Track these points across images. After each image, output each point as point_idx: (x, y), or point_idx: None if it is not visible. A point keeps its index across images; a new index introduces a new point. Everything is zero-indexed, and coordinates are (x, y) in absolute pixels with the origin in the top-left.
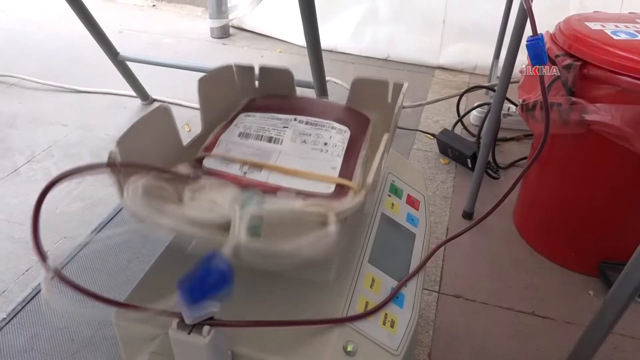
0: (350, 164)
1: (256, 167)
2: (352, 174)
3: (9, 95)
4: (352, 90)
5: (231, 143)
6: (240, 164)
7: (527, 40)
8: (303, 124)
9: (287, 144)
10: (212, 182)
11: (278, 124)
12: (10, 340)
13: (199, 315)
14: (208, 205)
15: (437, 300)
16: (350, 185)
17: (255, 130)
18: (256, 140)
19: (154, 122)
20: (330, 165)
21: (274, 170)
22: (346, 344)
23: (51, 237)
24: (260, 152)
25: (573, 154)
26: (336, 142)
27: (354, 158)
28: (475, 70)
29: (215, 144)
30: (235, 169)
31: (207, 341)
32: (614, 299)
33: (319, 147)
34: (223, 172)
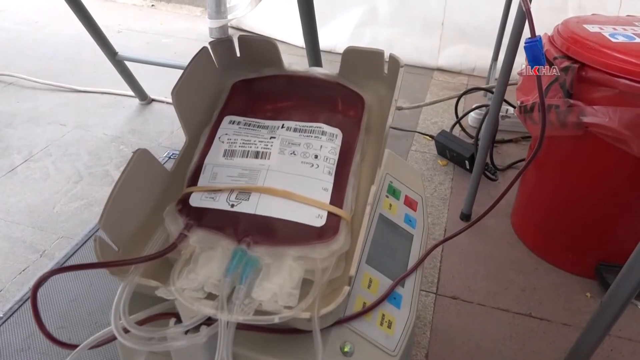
0: (342, 180)
1: (244, 192)
2: (343, 196)
3: (7, 95)
4: (344, 62)
5: (217, 167)
6: (228, 192)
7: (525, 42)
8: (291, 132)
9: (276, 158)
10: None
11: (264, 134)
12: (7, 339)
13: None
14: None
15: (435, 301)
16: (342, 215)
17: (240, 144)
18: (242, 158)
19: (137, 174)
20: (322, 186)
21: (263, 193)
22: (343, 344)
23: (48, 236)
24: (247, 172)
25: (571, 156)
26: (327, 155)
27: (345, 170)
28: (473, 72)
29: (200, 170)
30: (222, 202)
31: (204, 341)
32: (611, 301)
33: (309, 161)
34: (210, 207)
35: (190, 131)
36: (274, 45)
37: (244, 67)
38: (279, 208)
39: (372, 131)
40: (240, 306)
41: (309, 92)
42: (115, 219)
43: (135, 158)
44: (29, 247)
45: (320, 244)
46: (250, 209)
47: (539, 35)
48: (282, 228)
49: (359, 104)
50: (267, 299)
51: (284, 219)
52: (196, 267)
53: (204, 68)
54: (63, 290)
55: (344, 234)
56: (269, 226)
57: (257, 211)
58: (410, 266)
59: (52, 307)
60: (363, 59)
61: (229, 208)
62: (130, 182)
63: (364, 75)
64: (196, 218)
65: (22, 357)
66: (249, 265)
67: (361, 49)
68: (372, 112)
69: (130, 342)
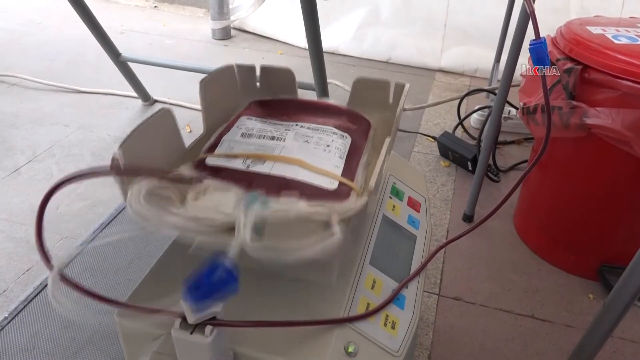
0: (352, 166)
1: (259, 160)
2: (354, 176)
3: (10, 95)
4: (354, 91)
5: (234, 142)
6: (243, 158)
7: (530, 44)
8: (305, 129)
9: (290, 141)
10: (215, 184)
11: (280, 127)
12: (12, 339)
13: (202, 312)
14: (212, 205)
15: (437, 302)
16: (353, 187)
17: (257, 131)
18: (259, 139)
19: (157, 125)
20: (333, 164)
21: (278, 161)
22: (347, 344)
23: (52, 237)
24: (263, 148)
25: (573, 158)
26: (338, 146)
27: (355, 160)
28: (476, 73)
29: (217, 145)
30: (238, 163)
31: (210, 341)
32: (614, 303)
33: (321, 147)
34: (226, 166)
35: (209, 124)
36: (292, 74)
37: (261, 92)
38: (294, 171)
39: (376, 148)
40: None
41: (320, 112)
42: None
43: (159, 113)
44: (33, 248)
45: (334, 202)
46: (265, 170)
47: (544, 37)
48: (296, 187)
49: (365, 124)
50: None
51: (298, 179)
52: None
53: (228, 78)
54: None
55: (354, 198)
56: (283, 185)
57: (272, 172)
58: (414, 267)
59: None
60: (371, 88)
61: (244, 168)
62: (150, 130)
63: (371, 104)
64: (211, 174)
65: (27, 357)
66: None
67: (370, 79)
68: (377, 133)
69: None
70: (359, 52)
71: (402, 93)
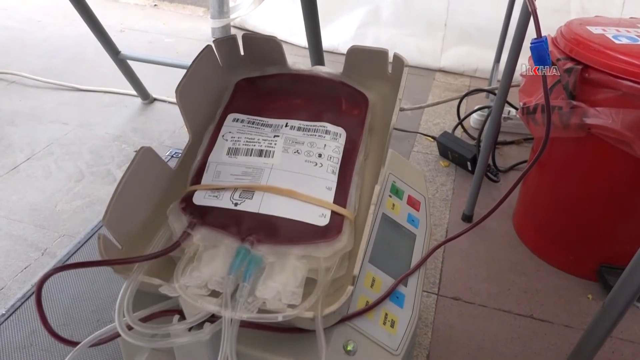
0: (346, 180)
1: (248, 191)
2: (347, 195)
3: (9, 93)
4: (348, 61)
5: (220, 165)
6: (231, 191)
7: (531, 42)
8: (295, 130)
9: (279, 156)
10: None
11: (268, 132)
12: (9, 336)
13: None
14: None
15: (436, 302)
16: (345, 215)
17: (244, 143)
18: (246, 157)
19: (140, 172)
20: (325, 185)
21: (267, 192)
22: (346, 342)
23: (50, 235)
24: (251, 170)
25: (573, 158)
26: (331, 154)
27: (349, 169)
28: (476, 73)
29: (204, 169)
30: (226, 200)
31: (208, 338)
32: (613, 303)
33: (312, 160)
34: (213, 206)
35: (194, 129)
36: (278, 43)
37: (248, 66)
38: (283, 207)
39: (375, 131)
40: (244, 304)
41: (313, 91)
42: (119, 216)
43: (139, 156)
44: (31, 245)
45: (323, 243)
46: (253, 207)
47: (545, 36)
48: (285, 227)
49: (362, 103)
50: (271, 298)
51: (288, 217)
52: (200, 265)
53: (208, 66)
54: (65, 288)
55: (347, 233)
56: (273, 225)
57: (261, 210)
58: (413, 266)
59: (54, 304)
60: (367, 58)
61: (232, 207)
62: (134, 179)
63: (367, 74)
64: (200, 216)
65: (24, 354)
66: (252, 263)
67: (365, 48)
68: (376, 112)
69: (134, 339)
70: None
71: (402, 65)
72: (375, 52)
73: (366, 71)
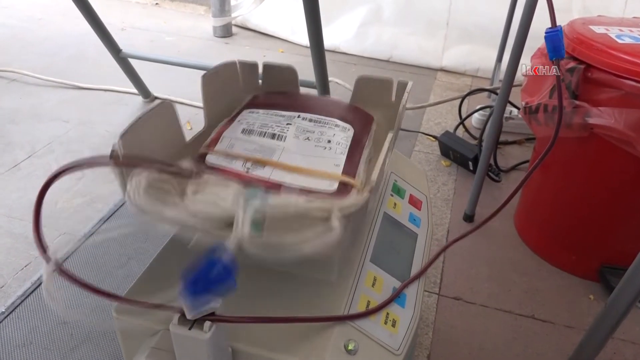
0: (354, 162)
1: (259, 164)
2: (356, 172)
3: (10, 91)
4: (356, 89)
5: (234, 139)
6: (243, 160)
7: (546, 32)
8: (307, 121)
9: (291, 140)
10: (215, 179)
11: (281, 120)
12: (9, 334)
13: (200, 308)
14: (212, 199)
15: (437, 302)
16: (354, 184)
17: (258, 127)
18: (259, 137)
19: (158, 118)
20: (334, 162)
21: (277, 167)
22: (347, 342)
23: (50, 233)
24: (263, 149)
25: (575, 158)
26: (340, 140)
27: (357, 156)
28: (477, 73)
29: (218, 140)
30: (238, 165)
31: (208, 336)
32: (615, 304)
33: (322, 145)
34: (226, 167)
35: (210, 117)
36: (294, 72)
37: (262, 90)
38: (293, 177)
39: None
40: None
41: (323, 107)
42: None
43: (159, 106)
44: (31, 243)
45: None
46: (264, 175)
47: (560, 26)
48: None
49: (368, 118)
50: None
51: (297, 185)
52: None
53: (231, 75)
54: (64, 286)
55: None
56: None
57: (271, 178)
58: (415, 265)
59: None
60: (374, 86)
61: (244, 172)
62: (151, 122)
63: (373, 102)
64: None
65: (24, 352)
66: None
67: (372, 78)
68: (380, 129)
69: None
70: (360, 51)
71: (404, 90)
72: (382, 80)
73: (372, 98)
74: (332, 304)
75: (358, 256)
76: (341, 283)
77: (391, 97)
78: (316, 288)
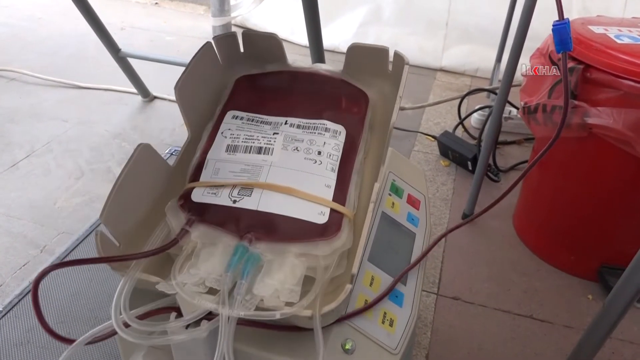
0: (345, 179)
1: (247, 188)
2: (346, 193)
3: (9, 90)
4: (349, 59)
5: (219, 162)
6: (230, 188)
7: (553, 25)
8: (294, 128)
9: (278, 153)
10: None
11: (267, 130)
12: (7, 333)
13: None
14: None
15: (436, 302)
16: (344, 213)
17: (243, 140)
18: (245, 154)
19: (140, 166)
20: (325, 182)
21: (266, 189)
22: (344, 341)
23: (49, 232)
24: (249, 167)
25: (574, 158)
26: (330, 151)
27: (349, 167)
28: (477, 73)
29: (202, 165)
30: (224, 197)
31: (205, 336)
32: (613, 304)
33: (312, 157)
34: (212, 202)
35: (193, 127)
36: (278, 41)
37: (247, 63)
38: (281, 204)
39: (375, 129)
40: (242, 301)
41: (313, 89)
42: (116, 213)
43: (137, 152)
44: (30, 243)
45: (322, 241)
46: (252, 205)
47: (567, 18)
48: (284, 224)
49: (362, 101)
50: (269, 295)
51: (286, 215)
52: (197, 262)
53: (207, 63)
54: (63, 285)
55: (346, 231)
56: (271, 222)
57: (259, 207)
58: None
59: (52, 302)
60: (367, 55)
61: (231, 204)
62: (132, 176)
63: (368, 72)
64: (198, 213)
65: (21, 351)
66: (250, 261)
67: (365, 46)
68: (376, 110)
69: (131, 336)
70: None
71: (403, 63)
72: (376, 49)
73: (366, 69)
74: None
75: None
76: None
77: (387, 68)
78: None
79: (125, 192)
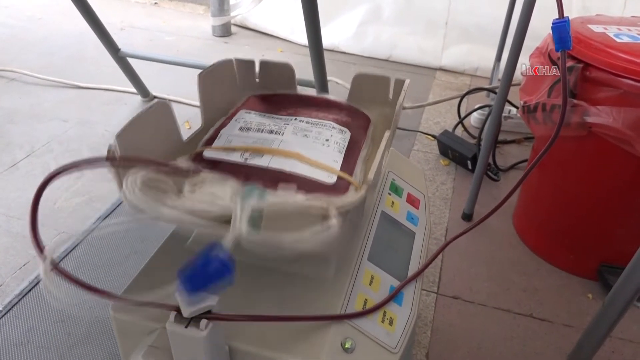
0: (351, 161)
1: (258, 153)
2: (353, 170)
3: (9, 90)
4: (353, 86)
5: (232, 136)
6: (241, 151)
7: (553, 23)
8: (304, 123)
9: (289, 136)
10: (212, 176)
11: (279, 121)
12: (6, 333)
13: (197, 306)
14: (209, 197)
15: (436, 301)
16: (351, 181)
17: (256, 125)
18: (257, 133)
19: (154, 117)
20: (332, 158)
21: (276, 154)
22: (344, 340)
23: (49, 232)
24: (261, 141)
25: (573, 157)
26: (337, 140)
27: (354, 156)
28: (476, 72)
29: (215, 139)
30: (235, 157)
31: (205, 335)
32: (613, 303)
33: (320, 142)
34: (224, 159)
35: (207, 117)
36: (291, 70)
37: (260, 89)
38: (292, 165)
39: (376, 145)
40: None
41: (320, 106)
42: (129, 138)
43: (155, 105)
44: (29, 243)
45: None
46: (263, 163)
47: (567, 16)
48: (294, 181)
49: (365, 120)
50: None
51: (297, 173)
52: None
53: (227, 72)
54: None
55: (353, 192)
56: (281, 179)
57: (270, 166)
58: (413, 264)
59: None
60: (371, 83)
61: (242, 161)
62: (147, 121)
63: (370, 100)
64: (209, 168)
65: (21, 351)
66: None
67: (370, 75)
68: (377, 129)
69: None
70: (359, 50)
71: (402, 88)
72: (379, 78)
73: (369, 96)
74: (329, 303)
75: (355, 254)
76: (338, 281)
77: (388, 95)
78: (313, 286)
79: (139, 128)
